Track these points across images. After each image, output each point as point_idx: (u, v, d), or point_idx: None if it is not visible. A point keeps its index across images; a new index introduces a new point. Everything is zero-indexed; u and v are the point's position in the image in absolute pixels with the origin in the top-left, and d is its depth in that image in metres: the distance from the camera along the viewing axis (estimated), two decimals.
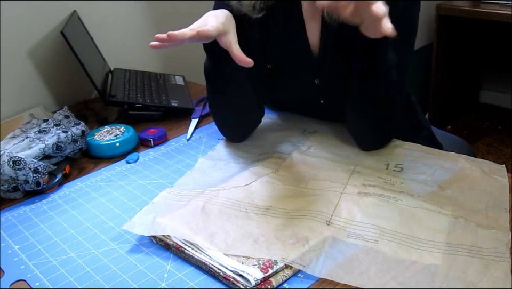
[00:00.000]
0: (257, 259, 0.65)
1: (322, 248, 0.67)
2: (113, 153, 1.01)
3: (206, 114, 1.18)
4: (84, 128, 1.02)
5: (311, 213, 0.73)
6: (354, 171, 0.84)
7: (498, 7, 2.10)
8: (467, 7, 2.20)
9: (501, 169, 0.85)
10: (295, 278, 0.65)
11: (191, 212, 0.75)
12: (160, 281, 0.66)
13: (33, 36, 1.23)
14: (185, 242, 0.69)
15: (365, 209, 0.74)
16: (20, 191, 0.89)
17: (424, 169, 0.85)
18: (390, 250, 0.66)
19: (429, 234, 0.69)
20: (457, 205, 0.75)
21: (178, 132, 1.12)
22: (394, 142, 0.96)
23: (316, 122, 1.07)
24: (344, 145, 0.96)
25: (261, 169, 0.87)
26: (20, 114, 1.19)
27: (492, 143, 2.46)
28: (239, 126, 1.02)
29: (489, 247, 0.66)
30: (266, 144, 0.99)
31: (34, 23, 1.23)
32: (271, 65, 0.99)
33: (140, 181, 0.92)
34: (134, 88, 1.24)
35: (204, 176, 0.90)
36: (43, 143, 0.92)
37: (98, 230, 0.79)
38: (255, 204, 0.77)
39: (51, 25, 1.25)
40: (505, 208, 0.74)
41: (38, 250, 0.75)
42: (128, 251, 0.73)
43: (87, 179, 0.95)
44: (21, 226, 0.82)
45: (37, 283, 0.68)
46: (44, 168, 0.89)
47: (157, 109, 1.18)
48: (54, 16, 1.25)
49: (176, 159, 0.99)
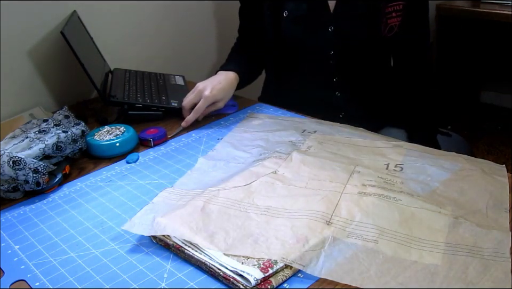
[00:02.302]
0: (257, 259, 0.65)
1: (322, 248, 0.67)
2: (113, 153, 1.01)
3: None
4: (83, 128, 1.02)
5: (311, 213, 0.73)
6: (354, 171, 0.84)
7: (498, 7, 2.10)
8: (467, 7, 2.20)
9: (501, 169, 0.85)
10: (295, 278, 0.65)
11: (191, 212, 0.75)
12: (160, 281, 0.66)
13: (33, 36, 1.23)
14: (185, 242, 0.69)
15: (365, 209, 0.74)
16: (20, 191, 0.89)
17: (424, 169, 0.85)
18: (390, 250, 0.66)
19: (429, 234, 0.69)
20: (457, 205, 0.75)
21: (178, 132, 1.11)
22: (394, 141, 0.96)
23: (316, 122, 1.08)
24: (344, 145, 0.96)
25: (261, 169, 0.87)
26: (20, 115, 1.19)
27: (492, 143, 2.46)
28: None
29: (489, 247, 0.66)
30: (266, 144, 0.99)
31: (34, 23, 1.22)
32: (287, 12, 1.10)
33: (139, 181, 0.92)
34: (134, 88, 1.24)
35: (204, 176, 0.90)
36: (43, 143, 0.92)
37: (98, 230, 0.79)
38: (255, 204, 0.77)
39: (51, 25, 1.25)
40: (505, 208, 0.74)
41: (38, 250, 0.75)
42: (128, 251, 0.73)
43: (87, 179, 0.95)
44: (21, 226, 0.82)
45: (37, 283, 0.68)
46: (43, 168, 0.89)
47: (156, 109, 1.18)
48: (54, 16, 1.25)
49: (176, 159, 0.99)
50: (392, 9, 1.07)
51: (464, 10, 2.19)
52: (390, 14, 1.07)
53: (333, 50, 1.11)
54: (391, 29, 1.09)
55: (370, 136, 1.00)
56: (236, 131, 1.08)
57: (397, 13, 1.08)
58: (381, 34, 1.09)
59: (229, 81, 1.12)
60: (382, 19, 1.08)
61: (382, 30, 1.09)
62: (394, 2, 1.07)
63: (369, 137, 0.99)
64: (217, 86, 1.09)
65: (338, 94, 1.17)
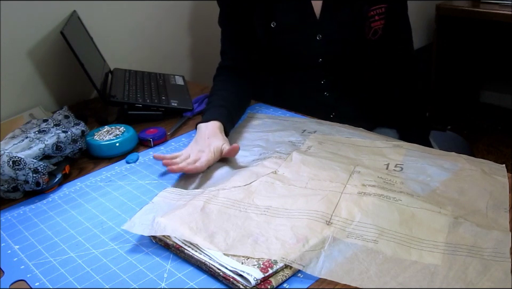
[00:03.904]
0: (257, 259, 0.65)
1: (322, 248, 0.67)
2: (113, 153, 1.01)
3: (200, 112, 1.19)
4: (83, 128, 1.02)
5: (311, 213, 0.73)
6: (354, 171, 0.84)
7: (498, 7, 2.10)
8: (467, 7, 2.20)
9: (501, 169, 0.85)
10: (295, 278, 0.65)
11: (191, 212, 0.75)
12: (160, 281, 0.66)
13: (33, 36, 1.23)
14: (185, 242, 0.69)
15: (365, 209, 0.73)
16: (20, 191, 0.89)
17: (424, 169, 0.85)
18: (390, 250, 0.66)
19: (428, 234, 0.69)
20: (457, 205, 0.75)
21: (178, 132, 1.12)
22: (394, 141, 0.96)
23: (316, 122, 1.08)
24: (344, 145, 0.96)
25: (261, 169, 0.87)
26: (20, 114, 1.19)
27: (492, 143, 2.46)
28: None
29: (489, 247, 0.66)
30: (266, 144, 0.99)
31: (34, 23, 1.22)
32: (275, 23, 1.09)
33: (139, 181, 0.92)
34: (134, 88, 1.24)
35: (204, 176, 0.90)
36: (43, 143, 0.92)
37: (98, 230, 0.79)
38: (255, 204, 0.77)
39: (51, 25, 1.25)
40: (505, 208, 0.74)
41: (38, 250, 0.75)
42: (128, 251, 0.73)
43: (87, 179, 0.95)
44: (21, 226, 0.82)
45: (37, 283, 0.68)
46: (43, 168, 0.89)
47: (156, 109, 1.18)
48: (54, 16, 1.25)
49: None
50: (375, 12, 1.10)
51: (464, 10, 2.20)
52: (373, 18, 1.10)
53: (322, 57, 1.12)
54: (375, 32, 1.11)
55: (370, 136, 1.00)
56: (236, 132, 1.08)
57: (380, 16, 1.10)
58: (366, 38, 1.11)
59: (211, 145, 0.93)
60: (366, 23, 1.09)
61: (366, 33, 1.11)
62: (376, 5, 1.09)
63: (369, 137, 0.99)
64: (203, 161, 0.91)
65: (327, 94, 1.17)
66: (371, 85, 1.22)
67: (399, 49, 1.19)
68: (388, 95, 1.22)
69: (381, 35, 1.12)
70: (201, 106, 1.21)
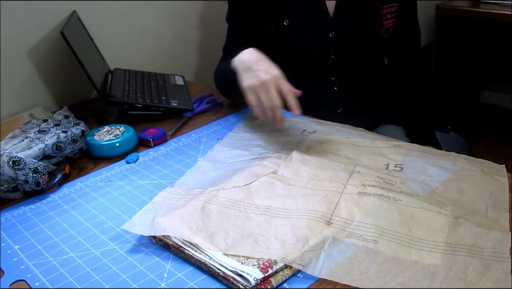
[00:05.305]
0: (257, 259, 0.65)
1: (322, 248, 0.67)
2: (113, 153, 1.01)
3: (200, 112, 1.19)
4: (83, 128, 1.02)
5: (311, 213, 0.73)
6: (354, 171, 0.84)
7: (498, 7, 2.10)
8: (467, 7, 2.20)
9: (501, 169, 0.85)
10: (295, 278, 0.65)
11: (191, 212, 0.75)
12: (160, 281, 0.66)
13: (33, 36, 1.23)
14: (185, 242, 0.69)
15: (364, 209, 0.74)
16: (20, 191, 0.89)
17: (424, 169, 0.85)
18: (390, 250, 0.66)
19: (428, 234, 0.69)
20: (457, 205, 0.75)
21: (178, 132, 1.12)
22: (394, 141, 0.96)
23: (316, 122, 1.08)
24: (344, 145, 0.96)
25: (261, 169, 0.87)
26: (20, 114, 1.19)
27: (491, 143, 2.45)
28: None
29: (489, 247, 0.66)
30: (266, 144, 0.99)
31: (34, 23, 1.22)
32: (288, 21, 1.11)
33: (139, 181, 0.92)
34: (133, 88, 1.24)
35: (204, 176, 0.90)
36: (43, 143, 0.92)
37: (98, 230, 0.79)
38: (255, 204, 0.77)
39: (51, 25, 1.25)
40: (505, 208, 0.74)
41: (38, 250, 0.75)
42: (128, 251, 0.73)
43: (87, 179, 0.95)
44: (20, 226, 0.82)
45: (37, 283, 0.68)
46: (43, 168, 0.89)
47: (156, 109, 1.18)
48: (54, 16, 1.25)
49: (176, 159, 0.99)
50: (387, 10, 1.12)
51: (464, 10, 2.19)
52: (385, 16, 1.12)
53: (333, 54, 1.13)
54: (387, 30, 1.13)
55: (370, 136, 1.00)
56: (236, 131, 1.08)
57: (392, 15, 1.12)
58: (378, 35, 1.13)
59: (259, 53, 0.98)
60: (378, 21, 1.11)
61: (378, 31, 1.13)
62: (388, 4, 1.11)
63: (369, 137, 0.99)
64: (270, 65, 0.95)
65: (337, 89, 1.18)
66: (380, 82, 1.24)
67: (409, 47, 1.21)
68: (395, 92, 1.24)
69: (392, 33, 1.14)
70: (201, 106, 1.20)
